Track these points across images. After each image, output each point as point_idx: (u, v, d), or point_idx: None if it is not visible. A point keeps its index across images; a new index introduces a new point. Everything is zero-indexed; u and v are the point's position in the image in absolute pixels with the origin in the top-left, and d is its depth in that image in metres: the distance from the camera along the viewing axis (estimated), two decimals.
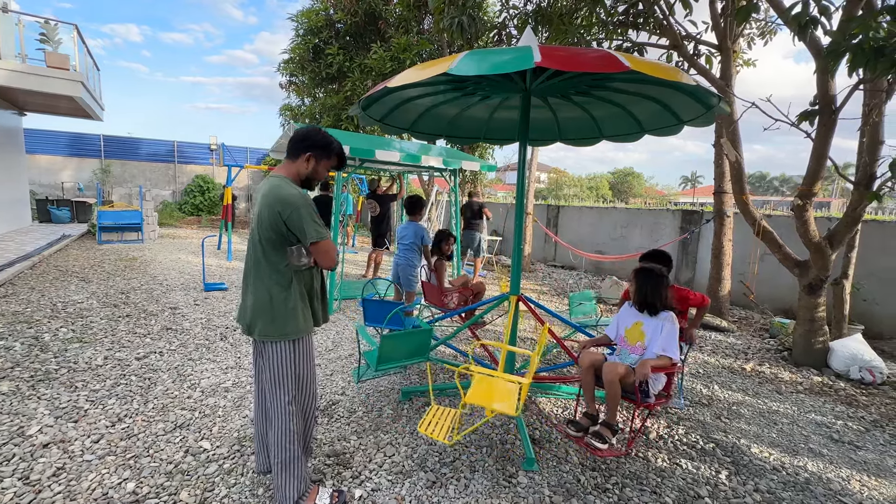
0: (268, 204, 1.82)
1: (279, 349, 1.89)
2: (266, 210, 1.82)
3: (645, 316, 2.55)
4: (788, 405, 3.42)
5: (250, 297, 1.91)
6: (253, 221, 1.92)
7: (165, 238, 11.27)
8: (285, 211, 1.79)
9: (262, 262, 1.88)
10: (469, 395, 2.29)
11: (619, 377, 2.34)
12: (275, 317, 1.86)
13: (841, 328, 4.52)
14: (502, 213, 11.38)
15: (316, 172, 1.97)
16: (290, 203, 1.79)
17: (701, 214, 7.48)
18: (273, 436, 1.92)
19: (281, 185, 1.84)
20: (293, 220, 1.80)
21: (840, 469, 2.59)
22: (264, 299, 1.87)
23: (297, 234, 1.83)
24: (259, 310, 1.87)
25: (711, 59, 5.05)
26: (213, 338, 4.20)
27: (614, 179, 38.71)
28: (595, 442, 2.29)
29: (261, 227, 1.85)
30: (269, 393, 1.92)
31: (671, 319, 2.46)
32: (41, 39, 8.49)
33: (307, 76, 10.37)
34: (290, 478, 1.91)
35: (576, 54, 2.02)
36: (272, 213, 1.80)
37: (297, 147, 1.93)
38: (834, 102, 3.61)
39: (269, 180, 1.91)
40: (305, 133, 1.96)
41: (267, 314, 1.86)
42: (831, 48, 2.69)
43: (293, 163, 1.94)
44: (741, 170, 4.63)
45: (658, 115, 2.98)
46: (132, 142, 16.31)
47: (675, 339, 2.43)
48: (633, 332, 2.56)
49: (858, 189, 3.76)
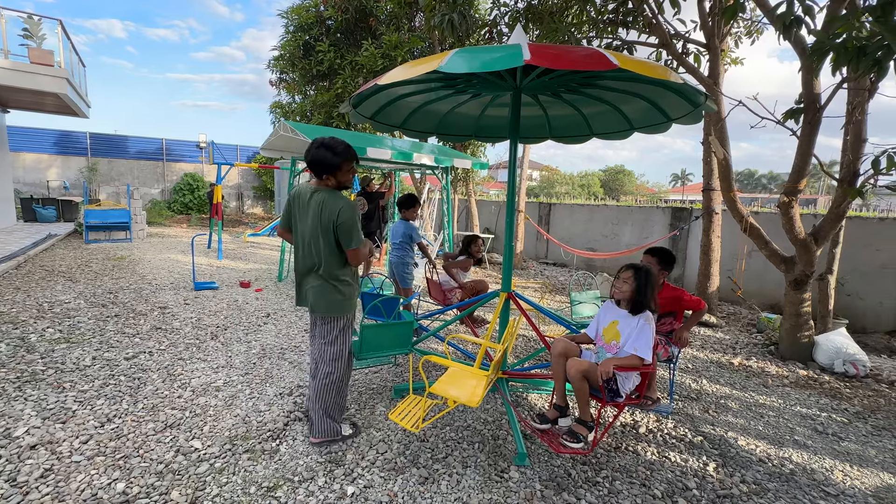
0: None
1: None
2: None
3: (623, 314, 2.48)
4: (775, 398, 3.49)
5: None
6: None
7: (154, 237, 11.13)
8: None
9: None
10: (435, 385, 2.39)
11: (581, 373, 2.31)
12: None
13: (826, 322, 4.62)
14: (494, 211, 11.41)
15: (349, 180, 2.44)
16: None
17: (690, 211, 7.56)
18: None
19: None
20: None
21: (824, 460, 2.65)
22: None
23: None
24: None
25: (700, 58, 5.11)
26: (203, 337, 4.17)
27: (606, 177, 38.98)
28: (568, 441, 2.26)
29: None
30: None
31: (648, 319, 2.40)
32: (24, 35, 8.33)
33: (298, 73, 10.28)
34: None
35: (565, 52, 2.03)
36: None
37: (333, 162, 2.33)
38: (818, 101, 3.68)
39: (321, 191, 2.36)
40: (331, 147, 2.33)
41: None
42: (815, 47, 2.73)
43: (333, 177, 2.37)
44: (728, 167, 4.69)
45: (647, 113, 3.02)
46: (119, 139, 16.06)
47: (649, 338, 2.35)
48: (609, 331, 2.50)
49: (842, 186, 3.83)
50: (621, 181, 38.77)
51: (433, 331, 3.36)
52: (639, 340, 2.35)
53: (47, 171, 14.71)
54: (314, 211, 2.32)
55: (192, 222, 14.83)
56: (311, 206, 2.34)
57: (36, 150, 14.59)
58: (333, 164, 2.31)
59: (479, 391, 2.29)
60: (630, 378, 2.41)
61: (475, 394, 2.29)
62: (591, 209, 9.43)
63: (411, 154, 5.69)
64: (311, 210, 2.34)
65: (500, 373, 2.94)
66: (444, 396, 2.35)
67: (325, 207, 2.29)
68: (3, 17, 8.23)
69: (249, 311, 5.08)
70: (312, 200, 2.34)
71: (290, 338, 4.29)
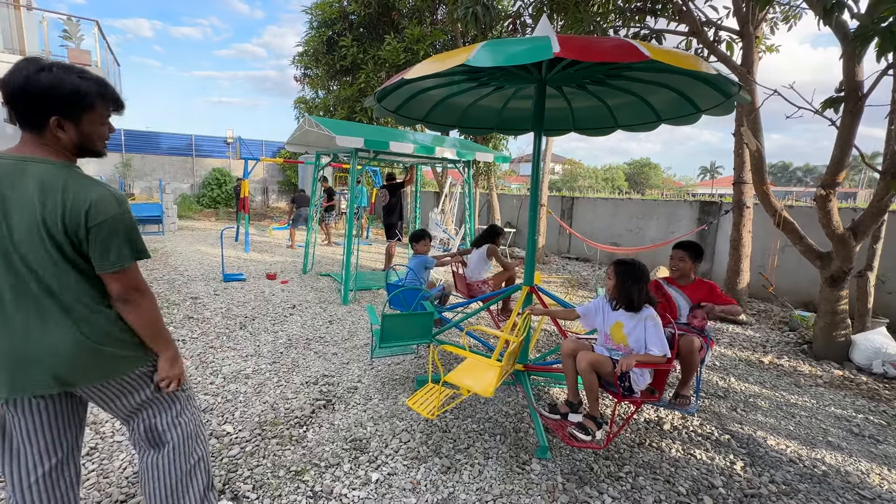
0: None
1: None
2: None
3: (622, 314, 2.37)
4: (807, 398, 3.38)
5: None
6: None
7: (184, 230, 11.53)
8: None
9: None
10: (450, 374, 2.41)
11: (591, 364, 2.27)
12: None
13: (864, 321, 4.42)
14: (515, 205, 11.33)
15: (88, 137, 1.30)
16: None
17: (719, 206, 7.33)
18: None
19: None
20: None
21: (859, 462, 2.56)
22: None
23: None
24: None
25: (732, 46, 4.92)
26: (232, 326, 4.32)
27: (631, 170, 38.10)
28: (577, 433, 2.24)
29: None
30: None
31: (650, 317, 2.29)
32: (64, 36, 8.71)
33: (321, 69, 10.41)
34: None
35: (594, 43, 2.00)
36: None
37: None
38: (861, 89, 3.50)
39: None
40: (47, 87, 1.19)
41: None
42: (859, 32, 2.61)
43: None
44: (762, 159, 4.53)
45: (675, 104, 2.94)
46: (151, 136, 16.65)
47: (660, 334, 2.27)
48: (616, 333, 2.41)
49: (885, 178, 3.65)
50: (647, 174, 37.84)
51: (454, 322, 3.39)
52: (651, 340, 2.27)
53: (85, 166, 15.22)
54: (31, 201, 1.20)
55: (220, 216, 15.28)
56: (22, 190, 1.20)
57: None
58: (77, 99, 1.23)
59: (493, 382, 2.31)
60: (644, 375, 2.34)
61: (489, 384, 2.31)
62: (615, 203, 9.26)
63: (433, 148, 5.70)
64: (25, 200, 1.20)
65: (521, 366, 2.95)
66: (459, 385, 2.39)
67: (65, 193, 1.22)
68: (45, 19, 8.62)
69: (276, 302, 5.22)
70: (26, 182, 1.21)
71: (314, 329, 4.39)
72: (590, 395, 2.34)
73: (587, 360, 2.30)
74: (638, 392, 2.34)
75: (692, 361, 2.61)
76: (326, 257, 8.51)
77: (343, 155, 6.51)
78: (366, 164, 7.44)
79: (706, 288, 2.87)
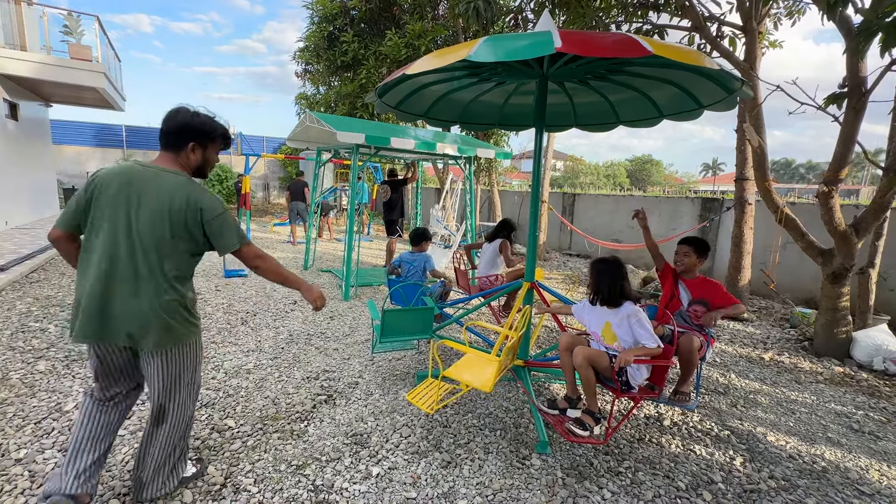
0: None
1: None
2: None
3: (609, 314, 2.38)
4: (807, 395, 3.38)
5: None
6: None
7: None
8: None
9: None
10: (450, 369, 2.43)
11: (587, 359, 2.28)
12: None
13: (865, 318, 4.41)
14: (517, 202, 11.31)
15: (207, 161, 1.87)
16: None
17: (721, 202, 7.32)
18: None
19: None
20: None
21: (859, 458, 2.57)
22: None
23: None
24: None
25: (735, 41, 4.90)
26: (234, 322, 4.33)
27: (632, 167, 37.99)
28: (574, 428, 2.26)
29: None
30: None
31: (636, 314, 2.30)
32: (64, 31, 8.69)
33: (322, 64, 10.38)
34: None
35: (596, 39, 1.99)
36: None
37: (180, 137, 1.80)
38: (864, 84, 3.48)
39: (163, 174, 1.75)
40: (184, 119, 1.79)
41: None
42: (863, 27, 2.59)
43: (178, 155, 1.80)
44: (763, 155, 4.51)
45: (677, 100, 2.93)
46: (153, 132, 16.64)
47: (647, 327, 2.28)
48: (606, 333, 2.42)
49: (888, 175, 3.64)
50: (649, 171, 37.72)
51: (455, 317, 3.39)
52: (640, 334, 2.28)
53: (87, 162, 15.42)
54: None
55: None
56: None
57: (77, 142, 15.31)
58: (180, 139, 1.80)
59: (492, 377, 2.32)
60: (641, 369, 2.35)
61: (488, 379, 2.32)
62: (616, 200, 9.24)
63: (434, 144, 5.69)
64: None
65: (522, 362, 2.96)
66: (459, 380, 2.41)
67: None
68: (46, 14, 8.60)
69: (277, 298, 5.23)
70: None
71: (316, 324, 4.40)
72: (587, 391, 2.35)
73: (583, 354, 2.30)
74: (636, 387, 2.35)
75: (692, 359, 2.61)
76: (328, 253, 8.52)
77: (344, 151, 6.51)
78: (367, 161, 7.43)
79: (710, 286, 2.85)
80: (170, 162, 1.79)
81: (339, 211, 13.29)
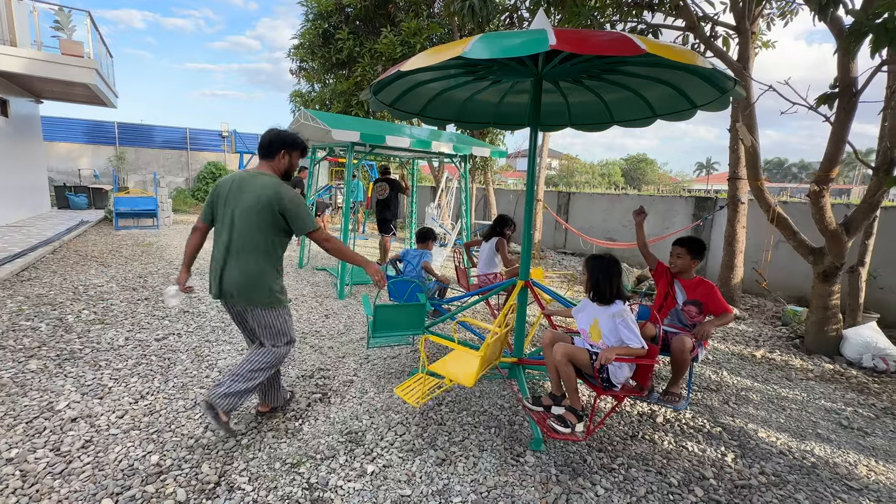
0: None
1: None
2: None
3: (598, 311, 2.39)
4: (798, 391, 3.42)
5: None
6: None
7: (180, 224, 11.46)
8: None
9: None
10: (435, 364, 2.48)
11: (567, 356, 2.29)
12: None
13: (855, 316, 4.47)
14: (512, 200, 11.33)
15: (292, 165, 2.47)
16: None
17: (714, 201, 7.37)
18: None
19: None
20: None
21: (848, 454, 2.60)
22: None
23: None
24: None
25: (729, 41, 4.93)
26: (228, 320, 4.31)
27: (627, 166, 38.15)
28: (555, 424, 2.28)
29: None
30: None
31: (622, 313, 2.31)
32: (55, 27, 8.58)
33: (317, 62, 10.32)
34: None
35: (591, 37, 2.00)
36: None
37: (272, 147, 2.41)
38: (855, 85, 3.52)
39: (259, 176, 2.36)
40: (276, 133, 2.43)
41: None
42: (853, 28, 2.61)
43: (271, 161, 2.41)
44: (756, 155, 4.55)
45: (671, 100, 2.95)
46: (145, 129, 16.50)
47: (633, 328, 2.28)
48: (594, 330, 2.42)
49: (878, 174, 3.69)
50: (643, 170, 37.90)
51: (450, 314, 3.40)
52: (625, 334, 2.28)
53: (79, 159, 15.25)
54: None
55: None
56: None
57: (68, 139, 15.13)
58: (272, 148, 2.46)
59: (475, 372, 2.34)
60: (623, 368, 2.33)
61: (471, 374, 2.35)
62: (610, 199, 9.28)
63: (430, 142, 5.69)
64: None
65: (516, 360, 2.97)
66: (443, 375, 2.45)
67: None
68: (37, 9, 8.49)
69: None
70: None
71: (310, 322, 4.39)
72: (568, 387, 2.36)
73: (562, 351, 2.32)
74: (618, 385, 2.35)
75: (683, 360, 2.62)
76: (322, 252, 8.49)
77: (339, 149, 6.48)
78: (361, 159, 7.41)
79: (706, 288, 2.86)
80: (265, 167, 2.39)
81: (334, 209, 13.24)
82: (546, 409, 2.49)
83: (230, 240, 2.28)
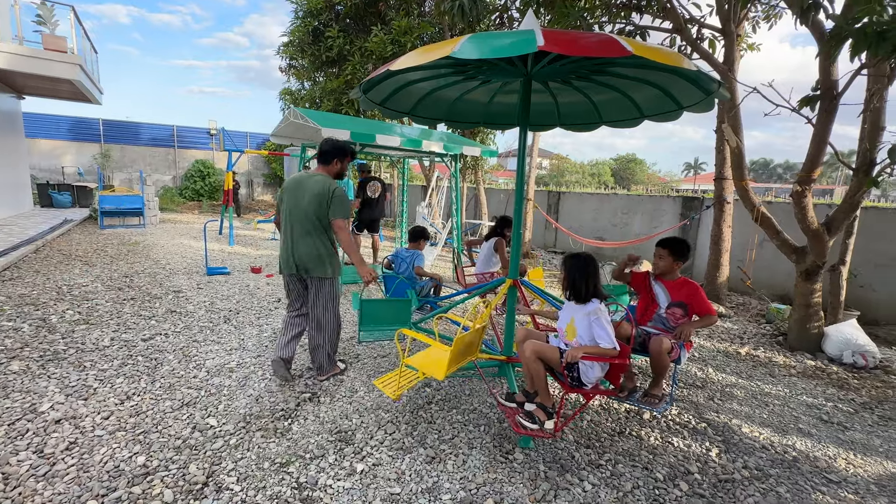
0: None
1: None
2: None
3: (574, 308, 2.41)
4: (781, 388, 3.50)
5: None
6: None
7: (167, 223, 11.31)
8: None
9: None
10: (411, 358, 2.56)
11: (535, 353, 2.33)
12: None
13: (836, 314, 4.58)
14: (503, 199, 11.37)
15: (343, 168, 3.11)
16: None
17: (701, 201, 7.48)
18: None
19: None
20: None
21: (827, 448, 2.67)
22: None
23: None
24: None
25: (715, 43, 5.00)
26: (216, 320, 4.27)
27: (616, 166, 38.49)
28: (524, 420, 2.32)
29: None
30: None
31: (596, 312, 2.32)
32: (38, 21, 8.39)
33: (307, 60, 10.23)
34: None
35: (579, 38, 2.02)
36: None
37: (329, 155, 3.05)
38: (835, 88, 3.60)
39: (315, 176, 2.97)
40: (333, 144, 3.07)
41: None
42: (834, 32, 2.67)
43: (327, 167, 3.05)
44: (741, 156, 4.63)
45: (658, 101, 2.99)
46: (132, 126, 16.21)
47: (606, 327, 2.29)
48: (570, 329, 2.44)
49: (858, 175, 3.77)
50: (633, 170, 38.27)
51: (440, 309, 3.42)
52: (598, 333, 2.29)
53: (62, 157, 14.94)
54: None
55: (204, 209, 15.00)
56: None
57: (51, 136, 14.81)
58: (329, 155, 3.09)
59: (445, 365, 2.38)
60: (594, 368, 2.34)
61: (441, 368, 2.39)
62: (600, 198, 9.37)
63: (420, 141, 5.68)
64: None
65: (505, 358, 2.99)
66: (417, 368, 2.52)
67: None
68: (18, 3, 8.30)
69: (261, 296, 5.17)
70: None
71: None
72: (537, 384, 2.39)
73: (531, 348, 2.36)
74: (588, 384, 2.36)
75: (661, 361, 2.62)
76: None
77: None
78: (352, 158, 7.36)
79: (691, 289, 2.85)
80: (321, 170, 3.03)
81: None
82: (520, 405, 2.52)
83: (294, 225, 2.91)
